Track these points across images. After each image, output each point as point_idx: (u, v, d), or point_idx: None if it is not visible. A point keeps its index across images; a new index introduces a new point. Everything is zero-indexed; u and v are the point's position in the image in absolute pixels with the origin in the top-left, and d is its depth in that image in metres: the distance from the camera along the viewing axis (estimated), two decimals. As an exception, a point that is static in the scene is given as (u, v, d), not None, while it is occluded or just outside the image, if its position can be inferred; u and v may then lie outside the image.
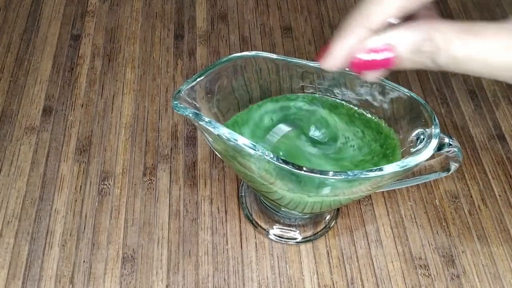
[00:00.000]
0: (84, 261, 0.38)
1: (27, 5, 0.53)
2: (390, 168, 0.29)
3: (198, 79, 0.32)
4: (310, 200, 0.32)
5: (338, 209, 0.41)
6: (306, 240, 0.40)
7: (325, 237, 0.40)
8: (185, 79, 0.48)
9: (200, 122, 0.29)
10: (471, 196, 0.43)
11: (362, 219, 0.41)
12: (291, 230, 0.40)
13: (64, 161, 0.43)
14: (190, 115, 0.30)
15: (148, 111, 0.46)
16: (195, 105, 0.32)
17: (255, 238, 0.40)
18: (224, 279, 0.38)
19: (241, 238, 0.39)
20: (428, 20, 0.26)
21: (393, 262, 0.39)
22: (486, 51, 0.24)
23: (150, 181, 0.42)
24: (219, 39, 0.52)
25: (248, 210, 0.41)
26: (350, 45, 0.27)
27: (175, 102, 0.30)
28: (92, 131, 0.44)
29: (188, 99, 0.31)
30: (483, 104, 0.49)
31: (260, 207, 0.41)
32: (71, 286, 0.37)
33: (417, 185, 0.43)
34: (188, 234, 0.39)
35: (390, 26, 0.26)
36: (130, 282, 0.37)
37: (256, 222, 0.40)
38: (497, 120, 0.48)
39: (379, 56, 0.26)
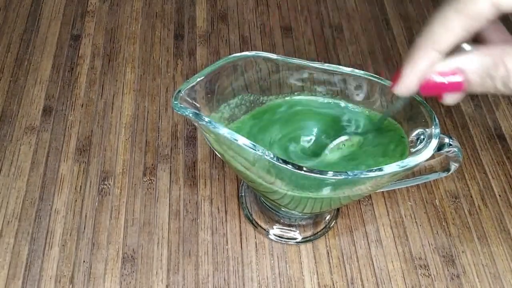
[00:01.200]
0: (84, 261, 0.38)
1: (27, 5, 0.53)
2: (390, 168, 0.29)
3: (198, 79, 0.32)
4: (310, 200, 0.32)
5: (338, 209, 0.41)
6: (306, 240, 0.40)
7: (325, 237, 0.40)
8: (185, 79, 0.48)
9: (200, 122, 0.29)
10: (471, 196, 0.43)
11: (362, 219, 0.41)
12: (291, 230, 0.40)
13: (64, 161, 0.43)
14: (190, 115, 0.30)
15: (148, 111, 0.46)
16: (195, 105, 0.32)
17: (255, 238, 0.40)
18: (224, 279, 0.37)
19: (241, 238, 0.39)
20: (501, 44, 0.25)
21: (393, 262, 0.39)
22: None
23: (150, 181, 0.42)
24: (219, 39, 0.52)
25: (248, 210, 0.41)
26: (421, 69, 0.26)
27: (175, 102, 0.30)
28: (92, 131, 0.44)
29: (188, 99, 0.31)
30: (483, 104, 0.49)
31: (260, 207, 0.41)
32: (71, 286, 0.37)
33: (417, 185, 0.43)
34: (188, 234, 0.39)
35: (463, 51, 0.26)
36: (130, 282, 0.37)
37: (256, 222, 0.40)
38: (497, 120, 0.48)
39: (447, 80, 0.26)
